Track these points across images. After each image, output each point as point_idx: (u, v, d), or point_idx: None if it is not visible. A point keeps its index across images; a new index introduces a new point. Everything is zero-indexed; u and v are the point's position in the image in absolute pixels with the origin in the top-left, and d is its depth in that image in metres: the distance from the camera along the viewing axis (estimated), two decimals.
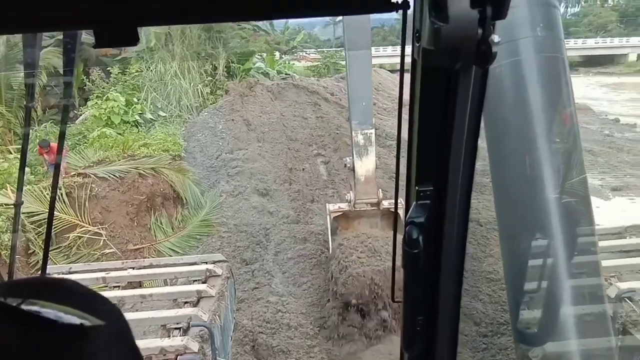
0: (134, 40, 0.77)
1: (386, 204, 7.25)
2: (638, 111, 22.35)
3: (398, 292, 1.31)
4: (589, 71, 36.19)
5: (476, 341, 6.74)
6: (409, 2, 0.79)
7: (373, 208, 7.28)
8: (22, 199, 2.33)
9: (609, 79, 31.17)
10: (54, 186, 2.40)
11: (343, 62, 29.99)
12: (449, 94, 0.90)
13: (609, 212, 11.39)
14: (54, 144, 9.93)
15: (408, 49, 0.99)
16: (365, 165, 7.15)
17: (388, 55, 41.17)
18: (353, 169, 7.19)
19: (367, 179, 7.13)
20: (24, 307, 0.49)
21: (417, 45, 0.87)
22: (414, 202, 1.07)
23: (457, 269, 1.14)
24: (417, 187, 1.07)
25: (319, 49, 32.45)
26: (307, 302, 7.65)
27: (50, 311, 0.50)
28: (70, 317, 0.50)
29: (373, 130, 7.40)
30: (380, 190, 7.38)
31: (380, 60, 38.66)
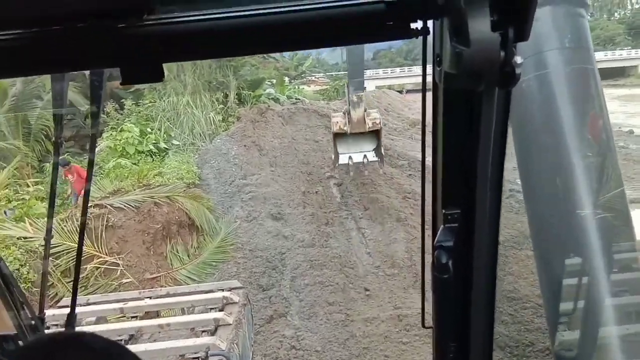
0: (159, 76, 0.78)
1: (370, 124, 10.69)
2: None
3: (428, 317, 1.29)
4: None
5: None
6: (428, 28, 0.80)
7: (361, 132, 10.77)
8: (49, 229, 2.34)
9: (620, 91, 30.95)
10: (84, 212, 2.40)
11: None
12: (473, 115, 0.89)
13: None
14: (76, 166, 10.10)
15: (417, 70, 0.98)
16: (357, 113, 10.65)
17: (396, 76, 41.50)
18: (349, 114, 10.73)
19: (358, 120, 10.65)
20: None
21: (439, 69, 0.87)
22: (442, 226, 1.05)
23: (488, 293, 1.12)
24: (444, 211, 1.05)
25: (327, 73, 32.84)
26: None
27: None
28: None
29: (362, 93, 11.01)
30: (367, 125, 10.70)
31: (388, 82, 38.96)
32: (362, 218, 10.92)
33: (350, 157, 10.92)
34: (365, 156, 10.88)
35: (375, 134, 10.85)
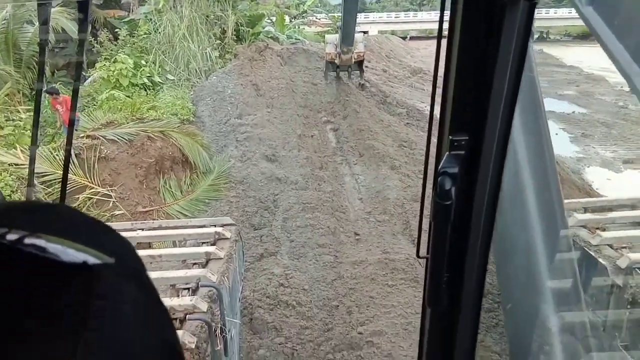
0: None
1: (355, 57, 12.99)
2: None
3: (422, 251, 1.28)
4: None
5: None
6: None
7: (348, 60, 13.02)
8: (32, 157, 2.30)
9: None
10: (69, 141, 2.35)
11: None
12: (492, 33, 0.83)
13: (620, 184, 11.29)
14: (66, 96, 9.89)
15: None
16: (346, 56, 12.86)
17: (400, 21, 40.31)
18: (340, 54, 12.94)
19: (347, 59, 12.94)
20: (9, 237, 0.37)
21: None
22: (447, 152, 1.02)
23: (488, 224, 1.10)
24: (450, 137, 1.01)
25: (329, 14, 31.74)
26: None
27: (47, 244, 0.38)
28: (72, 253, 0.38)
29: (351, 47, 12.76)
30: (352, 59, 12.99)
31: (392, 27, 37.88)
32: (356, 164, 10.92)
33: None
34: (349, 71, 13.58)
35: (359, 63, 13.32)
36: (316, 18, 28.93)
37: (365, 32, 31.10)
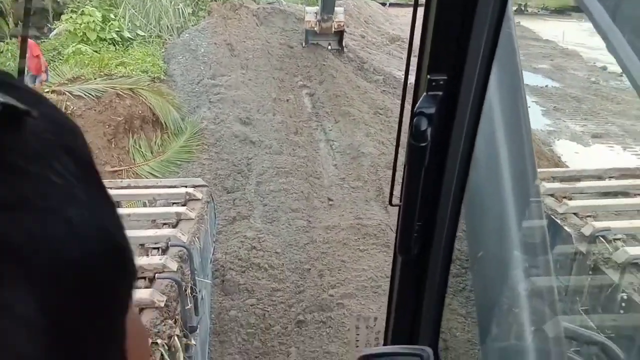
0: None
1: (335, 26, 12.96)
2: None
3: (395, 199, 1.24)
4: (582, 16, 35.56)
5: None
6: None
7: (327, 32, 12.98)
8: None
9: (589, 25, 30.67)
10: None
11: None
12: None
13: (588, 158, 11.59)
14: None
15: None
16: (326, 24, 12.75)
17: None
18: (320, 22, 12.79)
19: (326, 27, 12.82)
20: None
21: None
22: (424, 93, 0.97)
23: (462, 170, 1.06)
24: (428, 76, 0.96)
25: None
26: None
27: None
28: None
29: (332, 15, 12.71)
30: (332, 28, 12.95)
31: None
32: (331, 130, 10.83)
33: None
34: (329, 44, 13.32)
35: (339, 33, 13.22)
36: None
37: None
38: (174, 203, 5.20)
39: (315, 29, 12.95)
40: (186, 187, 5.42)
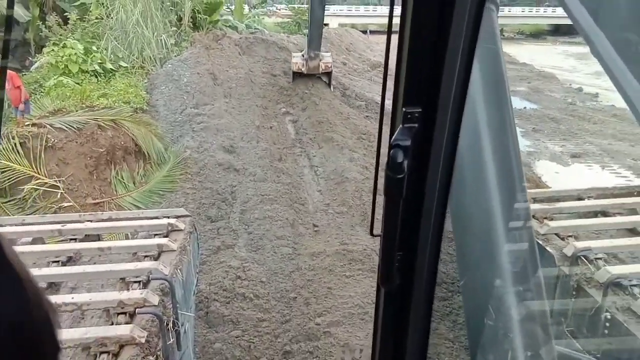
0: None
1: (323, 67, 13.08)
2: (600, 82, 22.96)
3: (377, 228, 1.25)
4: (557, 40, 36.73)
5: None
6: None
7: (315, 74, 13.13)
8: None
9: (575, 49, 31.69)
10: None
11: None
12: (446, 2, 0.80)
13: (567, 177, 11.78)
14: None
15: None
16: (313, 62, 12.87)
17: (361, 15, 40.45)
18: (307, 62, 12.86)
19: (314, 66, 12.91)
20: None
21: None
22: (400, 126, 1.00)
23: (441, 199, 1.07)
24: (404, 109, 0.98)
25: (290, 5, 31.46)
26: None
27: None
28: None
29: (319, 52, 12.89)
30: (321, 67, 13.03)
31: (352, 20, 37.94)
32: (315, 156, 10.89)
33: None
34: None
35: (327, 74, 13.41)
36: (276, 8, 28.65)
37: (326, 25, 31.04)
38: (155, 234, 5.11)
39: (303, 69, 12.92)
40: (168, 217, 5.34)
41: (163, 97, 11.46)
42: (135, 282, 4.30)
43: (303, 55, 12.99)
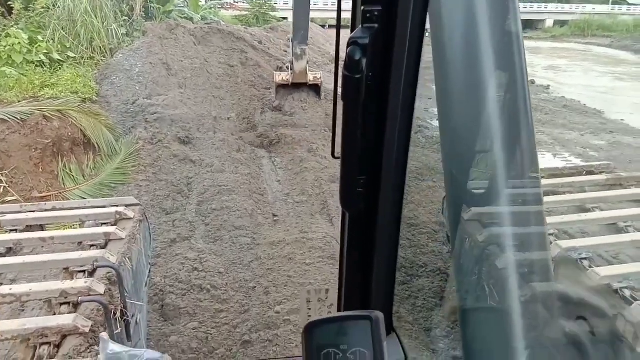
0: None
1: (311, 78, 11.74)
2: (552, 74, 23.84)
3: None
4: None
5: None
6: None
7: (302, 83, 11.72)
8: None
9: (527, 43, 32.75)
10: None
11: (273, 14, 29.06)
12: None
13: None
14: None
15: None
16: (299, 65, 11.53)
17: (320, 9, 40.39)
18: (292, 66, 11.55)
19: (301, 71, 11.58)
20: None
21: None
22: (359, 26, 0.93)
23: (407, 104, 0.99)
24: (363, 7, 0.91)
25: None
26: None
27: None
28: None
29: (306, 47, 11.63)
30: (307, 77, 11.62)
31: (311, 15, 37.81)
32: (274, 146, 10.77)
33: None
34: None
35: (316, 87, 12.07)
36: (234, 1, 28.21)
37: (285, 19, 30.89)
38: (103, 224, 4.88)
39: (287, 78, 11.46)
40: (117, 206, 5.12)
41: (114, 87, 11.02)
42: (80, 271, 4.08)
43: (288, 67, 11.57)
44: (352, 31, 0.98)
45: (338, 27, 1.14)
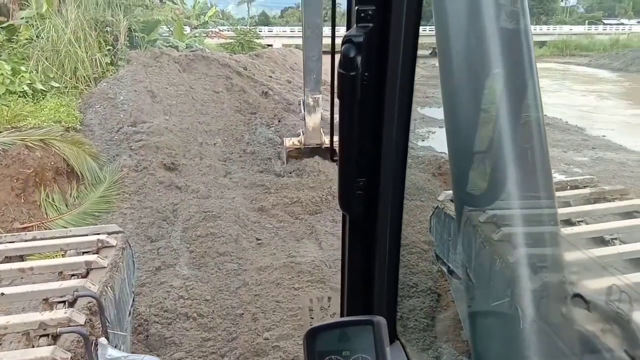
0: None
1: (326, 140, 9.71)
2: None
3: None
4: None
5: None
6: None
7: (317, 146, 9.90)
8: None
9: None
10: None
11: (258, 41, 29.44)
12: None
13: None
14: None
15: None
16: (313, 120, 9.72)
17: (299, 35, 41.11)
18: (304, 121, 9.71)
19: (314, 128, 9.79)
20: None
21: None
22: (354, 25, 0.94)
23: (404, 107, 0.99)
24: (357, 7, 0.92)
25: (232, 27, 31.44)
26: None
27: None
28: None
29: (320, 96, 9.86)
30: (322, 137, 9.86)
31: (296, 41, 38.40)
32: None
33: None
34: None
35: (333, 151, 10.39)
36: (219, 30, 28.56)
37: (269, 45, 31.27)
38: (84, 252, 4.79)
39: (300, 140, 9.79)
40: (98, 234, 5.03)
41: (98, 115, 10.99)
42: (60, 302, 3.98)
43: (298, 136, 9.90)
44: (347, 30, 0.99)
45: (333, 25, 1.13)
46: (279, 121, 12.50)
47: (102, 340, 3.18)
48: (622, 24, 46.19)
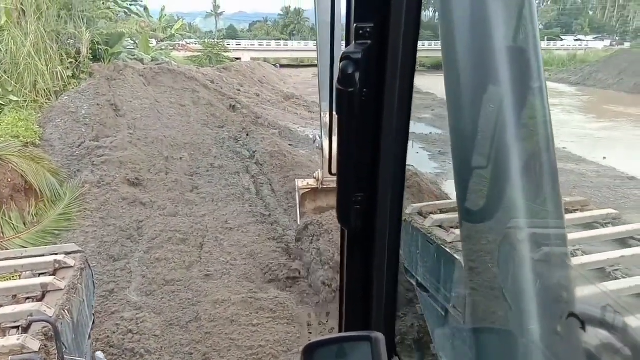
0: None
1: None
2: None
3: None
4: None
5: None
6: None
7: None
8: None
9: None
10: None
11: (226, 54, 29.40)
12: None
13: None
14: None
15: None
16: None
17: (272, 49, 41.19)
18: (321, 150, 7.91)
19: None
20: None
21: None
22: (353, 42, 0.95)
23: (402, 122, 0.98)
24: (355, 24, 0.93)
25: (200, 40, 31.28)
26: None
27: None
28: None
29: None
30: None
31: (264, 54, 38.49)
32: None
33: None
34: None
35: None
36: (186, 43, 28.35)
37: (238, 59, 31.22)
38: (41, 274, 4.56)
39: (317, 178, 8.25)
40: (56, 254, 4.80)
41: (58, 130, 10.64)
42: (13, 327, 3.76)
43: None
44: (345, 47, 1.00)
45: (332, 43, 1.12)
46: (247, 135, 12.40)
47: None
48: (580, 39, 48.29)
